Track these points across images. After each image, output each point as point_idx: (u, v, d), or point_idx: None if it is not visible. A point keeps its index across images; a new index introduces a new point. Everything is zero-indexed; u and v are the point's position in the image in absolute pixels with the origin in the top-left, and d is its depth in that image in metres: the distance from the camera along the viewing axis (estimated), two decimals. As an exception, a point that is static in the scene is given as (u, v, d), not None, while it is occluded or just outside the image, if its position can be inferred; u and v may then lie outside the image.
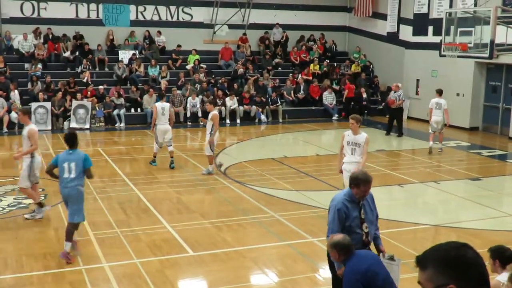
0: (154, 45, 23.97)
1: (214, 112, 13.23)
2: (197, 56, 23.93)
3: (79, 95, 20.11)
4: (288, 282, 7.70)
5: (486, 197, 11.57)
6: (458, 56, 16.58)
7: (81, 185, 8.40)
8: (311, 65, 24.91)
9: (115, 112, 20.50)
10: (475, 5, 19.52)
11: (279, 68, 25.15)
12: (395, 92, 19.21)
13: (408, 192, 12.57)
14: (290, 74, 24.25)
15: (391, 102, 18.98)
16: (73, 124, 19.64)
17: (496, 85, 20.28)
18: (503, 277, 5.12)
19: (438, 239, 9.30)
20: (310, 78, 24.10)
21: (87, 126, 19.79)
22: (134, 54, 23.19)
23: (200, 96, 21.52)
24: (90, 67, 22.38)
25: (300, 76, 24.10)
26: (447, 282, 2.18)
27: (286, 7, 26.08)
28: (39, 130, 10.95)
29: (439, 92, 16.11)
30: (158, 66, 22.90)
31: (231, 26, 25.21)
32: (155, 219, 10.15)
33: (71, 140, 8.53)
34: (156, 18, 24.58)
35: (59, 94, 19.88)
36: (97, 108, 20.23)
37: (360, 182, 5.87)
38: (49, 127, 19.41)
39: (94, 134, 19.24)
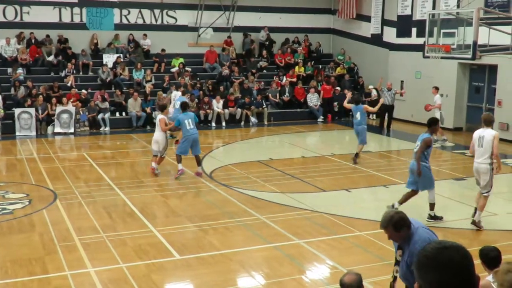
0: (139, 48, 23.90)
1: (161, 116, 13.58)
2: (182, 60, 23.89)
3: (65, 99, 19.96)
4: (274, 284, 7.70)
5: (471, 197, 11.62)
6: (442, 57, 16.69)
7: None
8: (296, 67, 24.99)
9: (100, 116, 20.39)
10: (458, 6, 19.68)
11: (264, 71, 25.17)
12: (389, 90, 20.15)
13: (394, 192, 12.59)
14: (275, 77, 24.30)
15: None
16: (57, 129, 19.51)
17: (479, 86, 20.46)
18: (491, 277, 5.12)
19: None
20: (295, 80, 24.17)
21: (72, 130, 19.66)
22: (119, 58, 23.10)
23: (184, 97, 21.45)
24: (74, 71, 22.26)
25: (285, 78, 24.16)
26: (417, 280, 2.26)
27: (271, 10, 26.13)
28: (23, 136, 10.86)
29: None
30: (142, 70, 22.82)
31: (216, 29, 25.22)
32: (141, 223, 10.11)
33: None
34: (140, 21, 24.51)
35: (40, 98, 19.70)
36: (81, 112, 20.11)
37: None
38: (34, 133, 19.23)
39: (78, 139, 19.13)
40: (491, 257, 5.57)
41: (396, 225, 5.19)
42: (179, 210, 10.99)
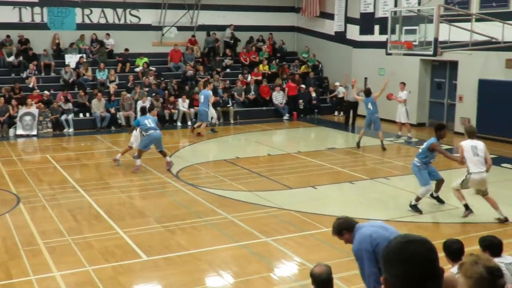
0: (102, 48, 23.62)
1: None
2: (146, 59, 23.71)
3: (29, 101, 19.56)
4: (243, 283, 7.71)
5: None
6: (404, 54, 16.97)
7: None
8: (260, 65, 25.05)
9: (63, 117, 20.07)
10: (419, 4, 20.01)
11: (228, 70, 25.12)
12: (353, 87, 20.28)
13: (359, 188, 12.77)
14: (240, 75, 24.31)
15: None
16: (20, 131, 19.14)
17: (440, 82, 20.84)
18: (456, 269, 5.21)
19: (389, 234, 9.47)
20: (260, 78, 24.22)
21: (34, 132, 19.30)
22: (81, 58, 22.79)
23: (150, 99, 21.32)
24: (36, 72, 21.88)
25: (250, 76, 24.19)
26: (383, 274, 2.30)
27: (234, 8, 26.11)
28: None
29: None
30: (106, 70, 22.57)
31: (180, 28, 25.09)
32: (107, 225, 10.00)
33: None
34: (103, 21, 24.22)
35: (1, 100, 19.29)
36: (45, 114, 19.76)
37: None
38: (-5, 135, 18.84)
39: (41, 141, 18.79)
40: (455, 250, 5.68)
41: (337, 230, 5.76)
42: (145, 211, 10.91)
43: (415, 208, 10.58)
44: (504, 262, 5.24)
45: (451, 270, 5.33)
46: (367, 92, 16.78)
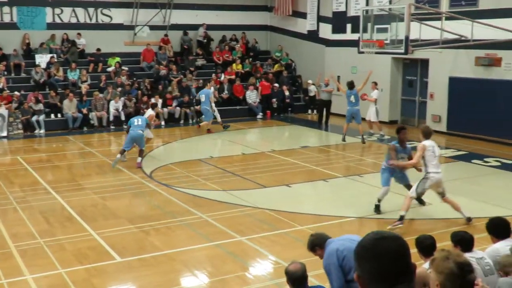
0: (73, 48, 23.34)
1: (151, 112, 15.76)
2: (118, 59, 23.52)
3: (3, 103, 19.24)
4: (218, 282, 7.71)
5: (403, 188, 11.97)
6: (376, 53, 17.10)
7: None
8: (233, 64, 25.03)
9: (34, 118, 19.78)
10: (390, 2, 20.21)
11: (200, 70, 25.03)
12: (326, 86, 20.57)
13: (333, 186, 12.85)
14: (213, 74, 24.26)
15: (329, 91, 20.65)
16: (-11, 133, 18.82)
17: (412, 80, 21.07)
18: (428, 264, 5.28)
19: (363, 231, 9.54)
20: (234, 77, 24.20)
21: (4, 134, 18.98)
22: (52, 58, 22.49)
23: (123, 99, 21.17)
24: (5, 73, 21.52)
25: (223, 76, 24.16)
26: (356, 270, 2.31)
27: (207, 7, 26.04)
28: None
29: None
30: (78, 70, 22.32)
31: (152, 27, 24.92)
32: (80, 227, 9.90)
33: None
34: (74, 20, 23.92)
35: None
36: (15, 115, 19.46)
37: None
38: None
39: (12, 142, 18.49)
40: (427, 245, 5.75)
41: (310, 247, 5.89)
42: (119, 212, 10.82)
43: (377, 208, 10.51)
44: (475, 257, 5.32)
45: (423, 266, 5.40)
46: (351, 85, 17.28)
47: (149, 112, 15.94)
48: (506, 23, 16.12)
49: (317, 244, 5.78)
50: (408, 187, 10.49)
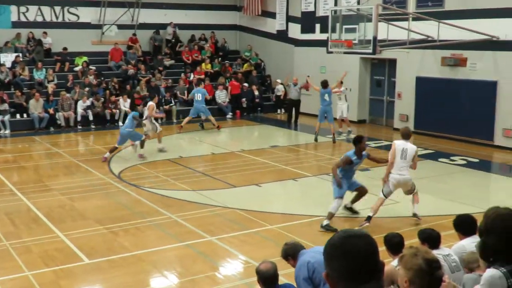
0: (39, 47, 22.96)
1: (151, 103, 15.98)
2: (85, 58, 23.22)
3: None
4: (188, 282, 7.67)
5: (376, 186, 12.06)
6: (344, 52, 17.22)
7: None
8: (203, 64, 24.95)
9: (-1, 118, 19.41)
10: (358, 3, 20.39)
11: (168, 69, 24.87)
12: (295, 85, 20.63)
13: (302, 185, 12.91)
14: (183, 74, 24.14)
15: (306, 86, 20.54)
16: (-47, 133, 18.39)
17: (380, 79, 21.30)
18: (396, 262, 5.33)
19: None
20: (203, 77, 24.11)
21: (-31, 134, 18.60)
22: (17, 57, 22.08)
23: (91, 99, 20.90)
24: (-31, 72, 21.08)
25: (192, 75, 24.05)
26: (325, 269, 2.32)
27: (176, 7, 25.89)
28: None
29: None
30: (44, 69, 21.97)
31: (120, 26, 24.67)
32: (47, 228, 9.74)
33: None
34: (40, 19, 23.53)
35: None
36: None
37: None
38: None
39: (-24, 143, 18.11)
40: (395, 243, 5.82)
41: (283, 256, 5.83)
42: (87, 213, 10.68)
43: (327, 227, 9.59)
44: (442, 253, 5.40)
45: (391, 263, 5.46)
46: (325, 84, 17.48)
47: (149, 103, 16.12)
48: (471, 24, 16.41)
49: (289, 254, 5.77)
50: (361, 192, 10.30)
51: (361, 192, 10.34)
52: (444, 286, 3.90)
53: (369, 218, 9.69)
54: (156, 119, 16.64)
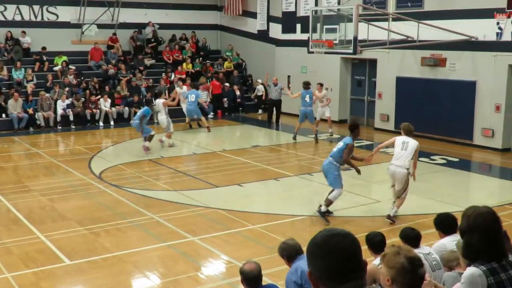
0: (17, 46, 22.71)
1: (162, 100, 17.09)
2: (65, 58, 23.02)
3: None
4: (170, 283, 7.65)
5: (357, 185, 12.18)
6: (325, 53, 17.27)
7: None
8: (184, 64, 24.88)
9: (-23, 118, 19.17)
10: (339, 3, 20.48)
11: (148, 69, 24.76)
12: (275, 85, 20.69)
13: (284, 185, 12.93)
14: (164, 74, 24.05)
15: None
16: None
17: (360, 79, 21.42)
18: (378, 260, 5.36)
19: (314, 229, 9.64)
20: (184, 77, 24.03)
21: None
22: (-5, 57, 21.85)
23: (70, 99, 20.73)
24: None
25: (173, 75, 23.97)
26: (308, 267, 2.33)
27: (156, 6, 25.78)
28: None
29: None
30: (23, 69, 21.73)
31: (100, 26, 24.49)
32: (27, 229, 9.64)
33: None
34: (18, 18, 23.26)
35: None
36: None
37: None
38: None
39: (-46, 143, 17.86)
40: (377, 242, 5.87)
41: (279, 253, 5.70)
42: (67, 214, 10.59)
43: (323, 214, 10.04)
44: (423, 252, 5.45)
45: (373, 262, 5.50)
46: (306, 85, 17.64)
47: (161, 100, 17.04)
48: (450, 24, 16.58)
49: (286, 255, 5.66)
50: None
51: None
52: (426, 284, 3.95)
53: (389, 217, 9.99)
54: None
